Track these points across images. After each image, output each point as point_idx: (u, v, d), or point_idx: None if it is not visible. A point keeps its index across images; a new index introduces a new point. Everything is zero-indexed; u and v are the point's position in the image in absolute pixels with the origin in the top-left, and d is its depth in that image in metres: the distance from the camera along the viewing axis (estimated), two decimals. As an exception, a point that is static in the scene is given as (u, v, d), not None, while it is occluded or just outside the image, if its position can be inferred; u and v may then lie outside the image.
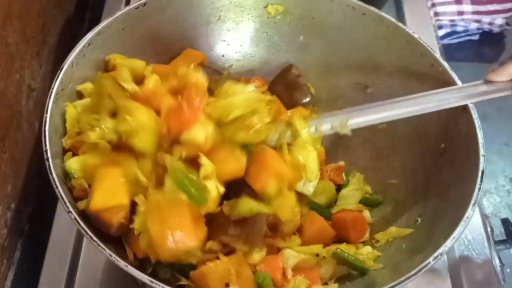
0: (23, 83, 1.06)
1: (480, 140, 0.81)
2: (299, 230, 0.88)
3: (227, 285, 0.79)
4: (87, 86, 0.87)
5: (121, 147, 0.78)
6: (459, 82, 0.88)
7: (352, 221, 0.90)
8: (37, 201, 1.10)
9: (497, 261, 1.01)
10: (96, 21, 1.11)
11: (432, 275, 0.97)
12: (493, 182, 1.38)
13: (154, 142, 0.76)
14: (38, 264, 0.97)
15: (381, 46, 0.96)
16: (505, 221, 1.09)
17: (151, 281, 0.69)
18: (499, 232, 1.08)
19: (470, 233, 1.03)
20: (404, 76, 0.95)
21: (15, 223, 1.02)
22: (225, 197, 0.78)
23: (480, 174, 0.78)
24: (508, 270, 1.13)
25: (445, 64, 0.89)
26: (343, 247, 0.85)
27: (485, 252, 1.00)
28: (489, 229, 1.05)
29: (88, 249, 0.97)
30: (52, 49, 1.21)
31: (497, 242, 1.05)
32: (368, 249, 0.86)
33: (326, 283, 0.83)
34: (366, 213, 0.93)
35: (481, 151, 0.80)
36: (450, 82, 0.88)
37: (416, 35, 0.93)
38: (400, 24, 0.94)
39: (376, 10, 0.96)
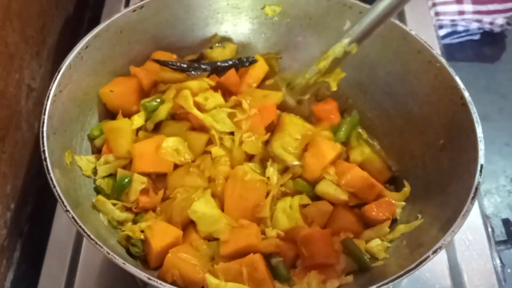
0: (23, 83, 1.06)
1: (479, 134, 0.81)
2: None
3: None
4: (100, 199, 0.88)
5: None
6: (456, 78, 0.87)
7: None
8: (37, 201, 1.10)
9: (498, 261, 1.00)
10: (95, 21, 1.11)
11: (433, 275, 0.96)
12: (494, 182, 1.38)
13: None
14: (38, 264, 0.97)
15: (378, 44, 0.95)
16: (506, 222, 1.09)
17: (149, 279, 0.69)
18: (500, 232, 1.08)
19: (470, 234, 1.02)
20: (402, 73, 0.95)
21: (15, 223, 1.02)
22: None
23: (479, 168, 0.78)
24: (509, 270, 1.13)
25: (443, 60, 0.89)
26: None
27: (485, 253, 1.00)
28: (489, 229, 1.04)
29: (87, 249, 0.97)
30: (51, 49, 1.21)
31: (498, 243, 1.04)
32: (377, 241, 0.86)
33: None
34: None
35: (480, 146, 0.80)
36: (448, 78, 0.88)
37: (413, 32, 0.93)
38: (397, 22, 0.94)
39: (373, 8, 0.96)
